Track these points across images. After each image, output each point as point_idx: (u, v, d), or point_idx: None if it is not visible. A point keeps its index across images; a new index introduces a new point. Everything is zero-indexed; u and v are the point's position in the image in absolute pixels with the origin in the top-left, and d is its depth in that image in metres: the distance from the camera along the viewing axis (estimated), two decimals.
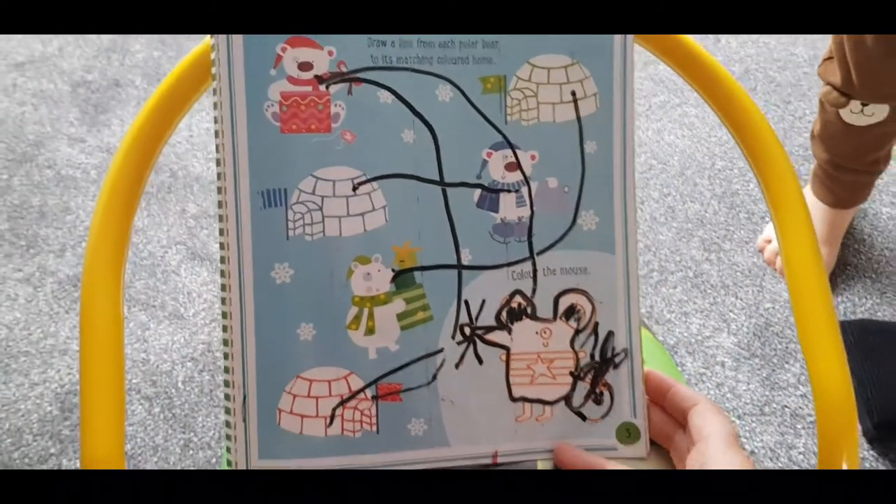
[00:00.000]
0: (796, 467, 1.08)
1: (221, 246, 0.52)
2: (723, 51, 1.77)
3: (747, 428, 1.14)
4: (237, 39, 0.52)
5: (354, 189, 0.53)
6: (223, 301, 0.52)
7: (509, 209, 0.56)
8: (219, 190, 0.53)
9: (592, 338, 0.55)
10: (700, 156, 1.55)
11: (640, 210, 1.46)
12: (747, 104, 0.63)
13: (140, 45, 1.82)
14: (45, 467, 1.09)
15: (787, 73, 1.72)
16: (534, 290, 0.55)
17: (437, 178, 0.55)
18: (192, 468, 1.09)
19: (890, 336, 1.21)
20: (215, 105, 0.52)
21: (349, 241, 0.53)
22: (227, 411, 0.51)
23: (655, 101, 1.66)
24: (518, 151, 0.56)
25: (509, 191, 0.56)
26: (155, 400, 1.18)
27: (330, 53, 0.54)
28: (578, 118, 0.57)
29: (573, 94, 0.57)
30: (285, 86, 0.53)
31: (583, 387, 0.55)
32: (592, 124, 0.57)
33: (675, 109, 1.64)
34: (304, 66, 0.53)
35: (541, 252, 0.56)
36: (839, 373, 0.57)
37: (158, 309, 1.31)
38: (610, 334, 0.55)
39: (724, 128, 0.72)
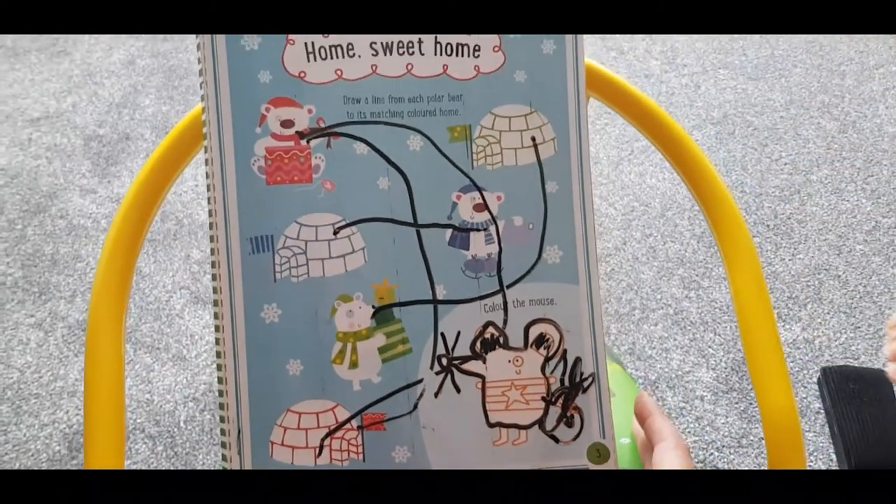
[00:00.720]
0: None
1: (214, 290, 0.57)
2: (703, 97, 1.85)
3: (726, 459, 1.18)
4: (225, 102, 0.58)
5: (335, 233, 0.58)
6: (217, 341, 0.56)
7: (479, 246, 0.60)
8: (211, 238, 0.58)
9: (561, 364, 0.59)
10: (680, 198, 1.61)
11: (623, 251, 1.52)
12: (690, 145, 0.70)
13: (149, 101, 1.91)
14: None
15: (765, 117, 1.79)
16: (505, 321, 0.59)
17: (411, 221, 0.60)
18: None
19: (868, 383, 1.25)
20: (206, 161, 0.58)
21: (332, 281, 0.58)
22: (224, 445, 0.54)
23: (637, 146, 1.74)
24: (485, 193, 0.61)
25: (478, 230, 0.60)
26: (158, 439, 1.24)
27: (309, 111, 0.59)
28: (539, 161, 0.62)
29: (533, 139, 0.62)
30: (270, 142, 0.58)
31: (555, 411, 0.58)
32: (552, 166, 0.62)
33: (656, 153, 1.71)
34: (286, 123, 0.59)
35: (510, 285, 0.60)
36: (784, 397, 0.62)
37: (163, 351, 1.37)
38: (577, 360, 0.59)
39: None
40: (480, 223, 0.61)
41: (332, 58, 0.62)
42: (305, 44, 0.61)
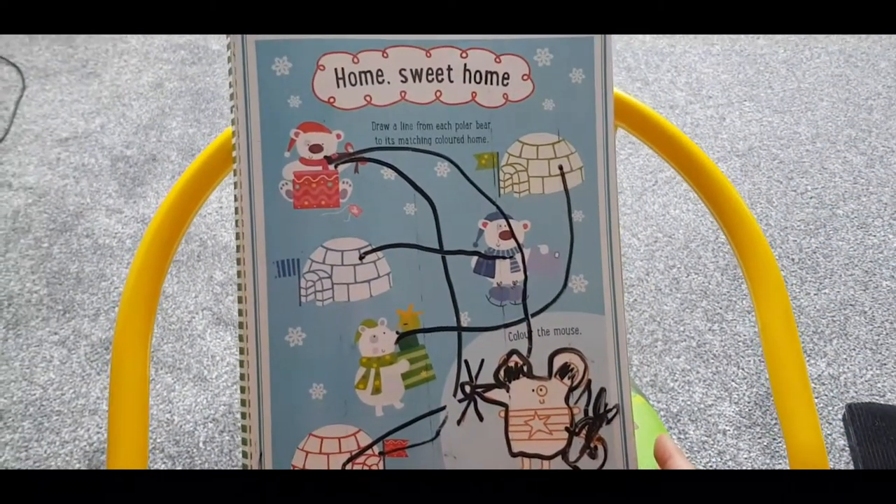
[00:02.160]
0: None
1: (240, 312, 0.57)
2: (728, 129, 1.85)
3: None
4: (255, 125, 0.59)
5: (361, 258, 0.58)
6: (241, 363, 0.57)
7: (504, 274, 0.60)
8: (238, 261, 0.58)
9: (586, 394, 0.59)
10: (704, 229, 1.61)
11: (646, 282, 1.52)
12: (719, 177, 0.70)
13: (176, 123, 1.94)
14: None
15: (790, 150, 1.78)
16: (529, 350, 0.59)
17: (437, 247, 0.60)
18: None
19: (895, 420, 1.24)
20: (235, 185, 0.59)
21: (357, 305, 0.58)
22: (245, 468, 0.55)
23: (661, 177, 1.73)
24: (511, 221, 0.61)
25: (504, 257, 0.60)
26: (177, 459, 1.24)
27: (338, 136, 0.60)
28: (566, 190, 0.62)
29: (560, 168, 0.62)
30: (298, 166, 0.59)
31: (578, 442, 0.58)
32: (579, 195, 0.62)
33: (680, 184, 1.71)
34: (315, 147, 0.59)
35: (535, 314, 0.60)
36: (812, 434, 0.61)
37: (184, 371, 1.38)
38: (602, 391, 0.59)
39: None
40: (506, 251, 0.61)
41: (361, 84, 0.62)
42: (335, 69, 0.61)
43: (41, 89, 2.07)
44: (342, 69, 0.61)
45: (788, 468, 1.15)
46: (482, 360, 0.58)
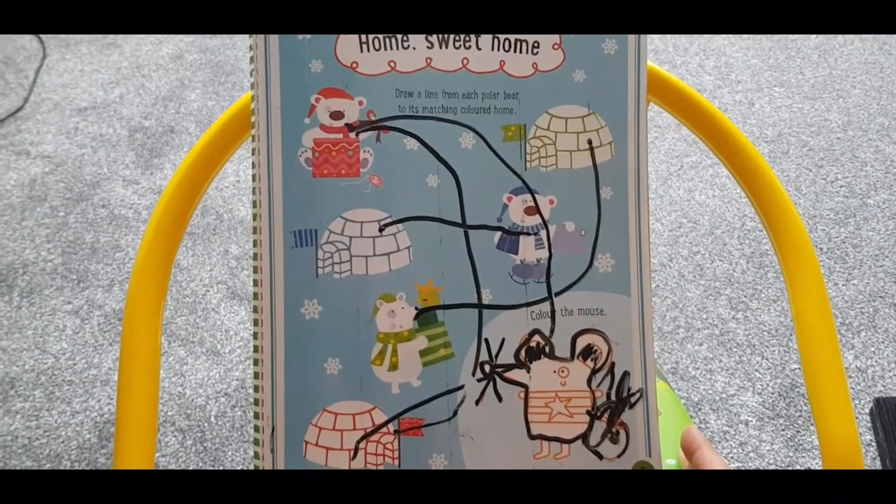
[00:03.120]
0: None
1: (255, 283, 0.56)
2: (756, 115, 1.80)
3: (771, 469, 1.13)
4: (275, 90, 0.56)
5: (381, 230, 0.56)
6: (255, 336, 0.55)
7: (528, 251, 0.58)
8: (254, 230, 0.56)
9: (609, 378, 0.56)
10: (730, 216, 1.57)
11: (669, 267, 1.48)
12: (756, 157, 0.66)
13: (195, 95, 1.92)
14: None
15: (821, 138, 1.74)
16: (552, 330, 0.57)
17: (460, 221, 0.58)
18: None
19: None
20: (253, 151, 0.57)
21: (375, 279, 0.56)
22: (256, 442, 0.53)
23: (687, 162, 1.69)
24: (537, 196, 0.59)
25: (528, 234, 0.58)
26: (188, 433, 1.23)
27: (360, 103, 0.58)
28: (595, 165, 0.60)
29: (589, 142, 0.60)
30: (318, 133, 0.57)
31: (599, 426, 0.56)
32: (608, 171, 0.60)
33: (707, 170, 1.67)
34: (336, 114, 0.57)
35: (559, 293, 0.57)
36: (846, 425, 0.58)
37: (197, 345, 1.36)
38: (625, 374, 0.57)
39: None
40: (531, 227, 0.59)
41: (385, 49, 0.60)
42: (359, 36, 0.59)
43: (61, 59, 2.06)
44: (366, 36, 0.59)
45: (813, 461, 1.12)
46: (503, 339, 0.56)
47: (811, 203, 1.60)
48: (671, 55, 2.06)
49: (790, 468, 1.16)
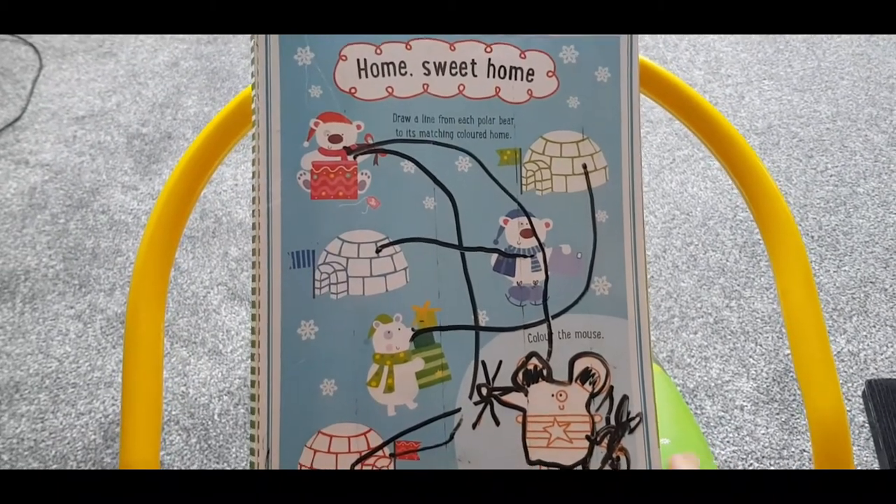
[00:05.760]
0: None
1: (253, 304, 0.56)
2: (747, 108, 1.83)
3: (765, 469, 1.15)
4: (275, 115, 0.58)
5: (378, 251, 0.56)
6: (252, 357, 0.55)
7: (525, 273, 0.58)
8: (253, 251, 0.57)
9: (608, 402, 0.55)
10: (722, 207, 1.59)
11: (663, 259, 1.50)
12: (737, 139, 0.68)
13: (192, 101, 1.94)
14: None
15: (810, 128, 1.76)
16: (549, 353, 0.56)
17: (456, 243, 0.58)
18: None
19: None
20: (253, 174, 0.58)
21: (372, 300, 0.56)
22: (252, 465, 0.52)
23: (679, 155, 1.72)
24: (533, 219, 0.59)
25: (525, 256, 0.58)
26: (192, 431, 1.24)
27: (358, 127, 0.58)
28: (590, 189, 0.60)
29: (584, 167, 0.61)
30: (317, 156, 0.57)
31: (599, 451, 0.55)
32: (603, 195, 0.60)
33: (699, 163, 1.69)
34: (335, 138, 0.58)
35: (556, 315, 0.57)
36: (833, 399, 0.60)
37: (199, 345, 1.38)
38: (624, 398, 0.56)
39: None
40: (527, 249, 0.59)
41: (383, 75, 0.61)
42: (358, 60, 0.60)
43: (58, 68, 2.08)
44: (364, 60, 0.60)
45: (807, 443, 1.13)
46: (500, 362, 0.56)
47: (802, 192, 1.62)
48: (661, 51, 2.08)
49: (784, 451, 1.18)
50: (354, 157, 0.58)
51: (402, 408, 0.54)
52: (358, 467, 0.52)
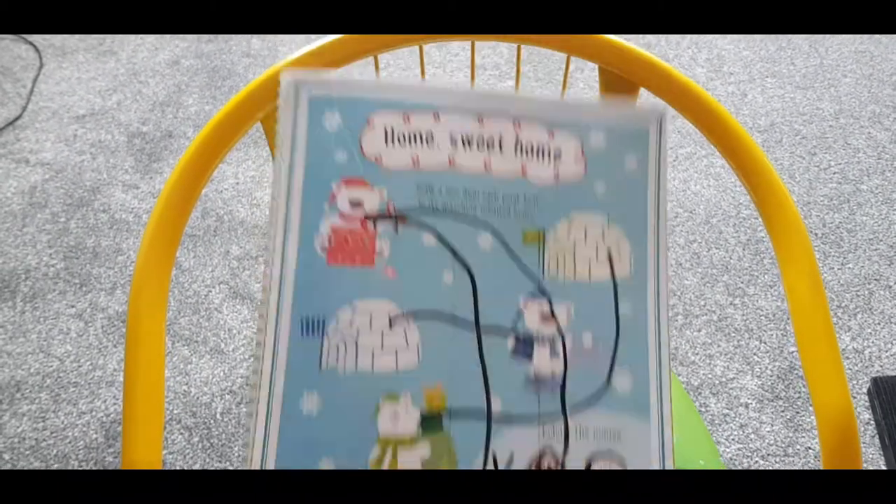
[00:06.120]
0: None
1: (254, 371, 0.53)
2: (749, 105, 1.82)
3: (770, 469, 1.14)
4: (297, 177, 0.56)
5: (391, 324, 0.54)
6: (247, 429, 0.52)
7: (543, 361, 0.55)
8: (260, 315, 0.54)
9: None
10: (726, 205, 1.58)
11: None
12: (741, 133, 0.68)
13: (192, 100, 1.93)
14: None
15: (813, 126, 1.75)
16: (565, 451, 0.53)
17: (473, 321, 0.56)
18: None
19: None
20: (267, 234, 0.56)
21: (380, 376, 0.53)
22: None
23: (682, 153, 1.71)
24: (554, 304, 0.57)
25: (544, 342, 0.56)
26: (194, 430, 1.24)
27: (380, 194, 0.57)
28: (614, 279, 0.58)
29: (609, 254, 0.59)
30: (336, 221, 0.56)
31: None
32: (627, 286, 0.58)
33: (702, 160, 1.69)
34: (356, 203, 0.57)
35: (573, 410, 0.54)
36: (840, 394, 0.59)
37: (201, 344, 1.37)
38: None
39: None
40: (547, 336, 0.57)
41: (410, 144, 0.59)
42: (385, 128, 0.59)
43: (58, 67, 2.07)
44: (392, 128, 0.59)
45: (812, 440, 1.13)
46: (511, 454, 0.53)
47: (805, 190, 1.62)
48: (664, 48, 2.08)
49: (790, 448, 1.17)
50: (374, 225, 0.56)
51: None
52: None
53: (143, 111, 1.91)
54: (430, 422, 0.52)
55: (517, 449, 0.53)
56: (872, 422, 1.19)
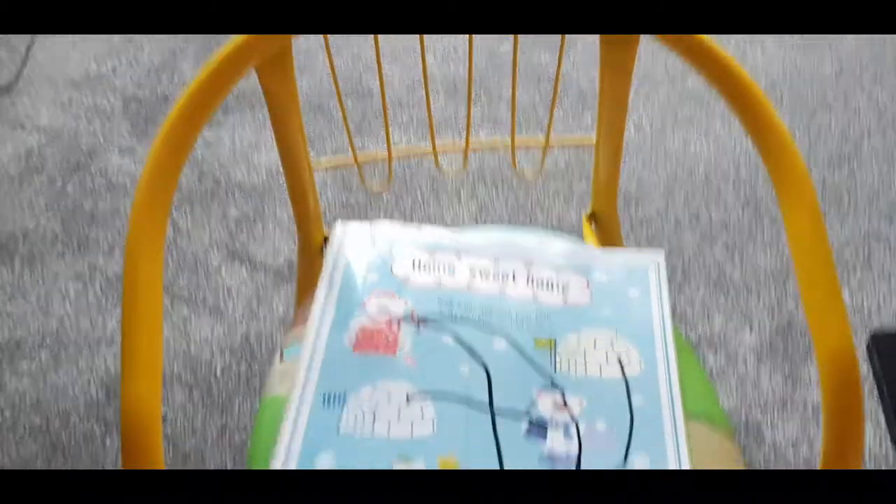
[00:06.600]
0: (818, 459, 1.09)
1: (278, 441, 0.57)
2: (749, 65, 1.81)
3: (769, 420, 1.15)
4: (333, 292, 0.66)
5: (408, 400, 0.59)
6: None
7: (557, 442, 0.57)
8: (290, 394, 0.60)
9: None
10: (725, 165, 1.58)
11: (665, 217, 1.49)
12: (751, 86, 0.67)
13: (188, 65, 1.92)
14: (90, 447, 1.15)
15: (814, 86, 1.74)
16: None
17: (487, 403, 0.59)
18: (228, 449, 1.14)
19: None
20: (305, 337, 0.62)
21: (395, 442, 0.56)
22: None
23: (682, 114, 1.70)
24: (567, 396, 0.60)
25: (557, 426, 0.58)
26: (195, 387, 1.24)
27: (405, 303, 0.66)
28: (625, 377, 0.62)
29: (619, 359, 0.63)
30: (365, 323, 0.64)
31: None
32: (638, 383, 0.62)
33: (701, 122, 1.68)
34: (383, 310, 0.65)
35: None
36: (842, 336, 0.59)
37: (200, 304, 1.37)
38: None
39: (749, 139, 0.76)
40: (560, 421, 0.59)
41: (433, 272, 0.68)
42: (413, 260, 0.69)
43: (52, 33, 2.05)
44: (419, 260, 0.69)
45: (810, 394, 1.13)
46: None
47: (805, 150, 1.61)
48: None
49: (788, 401, 1.18)
50: (398, 326, 0.64)
51: None
52: None
53: (139, 76, 1.90)
54: None
55: None
56: (871, 375, 1.20)
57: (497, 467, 0.55)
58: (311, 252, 0.93)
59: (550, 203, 1.53)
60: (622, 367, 0.62)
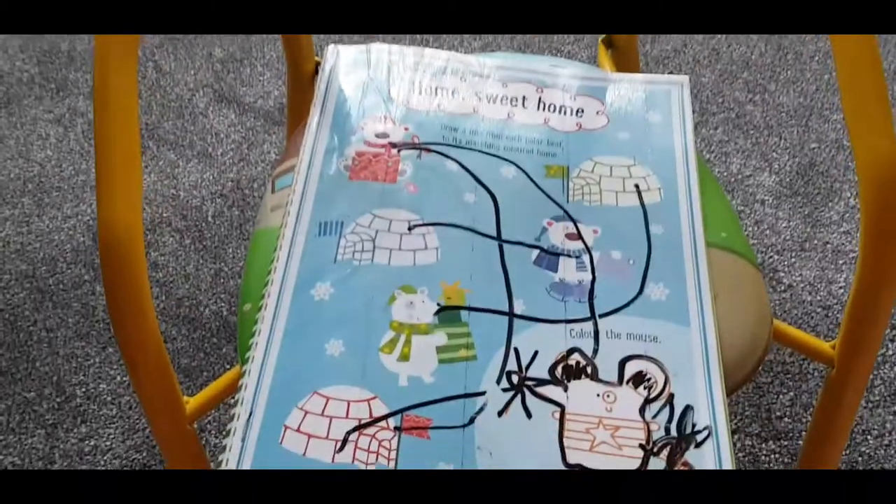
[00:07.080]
0: (835, 301, 1.05)
1: (269, 271, 0.53)
2: None
3: (786, 262, 1.10)
4: (328, 112, 0.60)
5: (409, 229, 0.55)
6: (255, 320, 0.50)
7: (569, 271, 0.54)
8: (283, 224, 0.55)
9: (667, 410, 0.48)
10: None
11: (682, 53, 1.39)
12: None
13: None
14: (79, 293, 1.11)
15: None
16: (595, 351, 0.50)
17: (495, 233, 0.55)
18: (222, 294, 1.10)
19: None
20: (293, 169, 0.58)
21: (397, 270, 0.53)
22: (228, 433, 0.46)
23: None
24: (579, 225, 0.56)
25: (569, 256, 0.55)
26: (186, 232, 1.19)
27: (405, 129, 0.60)
28: (643, 205, 0.58)
29: (637, 186, 0.59)
30: (361, 147, 0.59)
31: (657, 462, 0.46)
32: (657, 211, 0.58)
33: None
34: (381, 135, 0.60)
35: (603, 314, 0.52)
36: (885, 132, 0.53)
37: (187, 148, 1.30)
38: (688, 408, 0.48)
39: None
40: (572, 250, 0.55)
41: (436, 95, 0.63)
42: (413, 81, 0.63)
43: None
44: (420, 82, 0.64)
45: (830, 235, 1.07)
46: (535, 352, 0.50)
47: None
48: None
49: (807, 243, 1.13)
50: (399, 151, 0.58)
51: (417, 380, 0.48)
52: (354, 436, 0.46)
53: None
54: (448, 314, 0.51)
55: (542, 346, 0.50)
56: None
57: (504, 295, 0.53)
58: (302, 81, 0.85)
59: (560, 38, 1.43)
60: (640, 195, 0.59)
